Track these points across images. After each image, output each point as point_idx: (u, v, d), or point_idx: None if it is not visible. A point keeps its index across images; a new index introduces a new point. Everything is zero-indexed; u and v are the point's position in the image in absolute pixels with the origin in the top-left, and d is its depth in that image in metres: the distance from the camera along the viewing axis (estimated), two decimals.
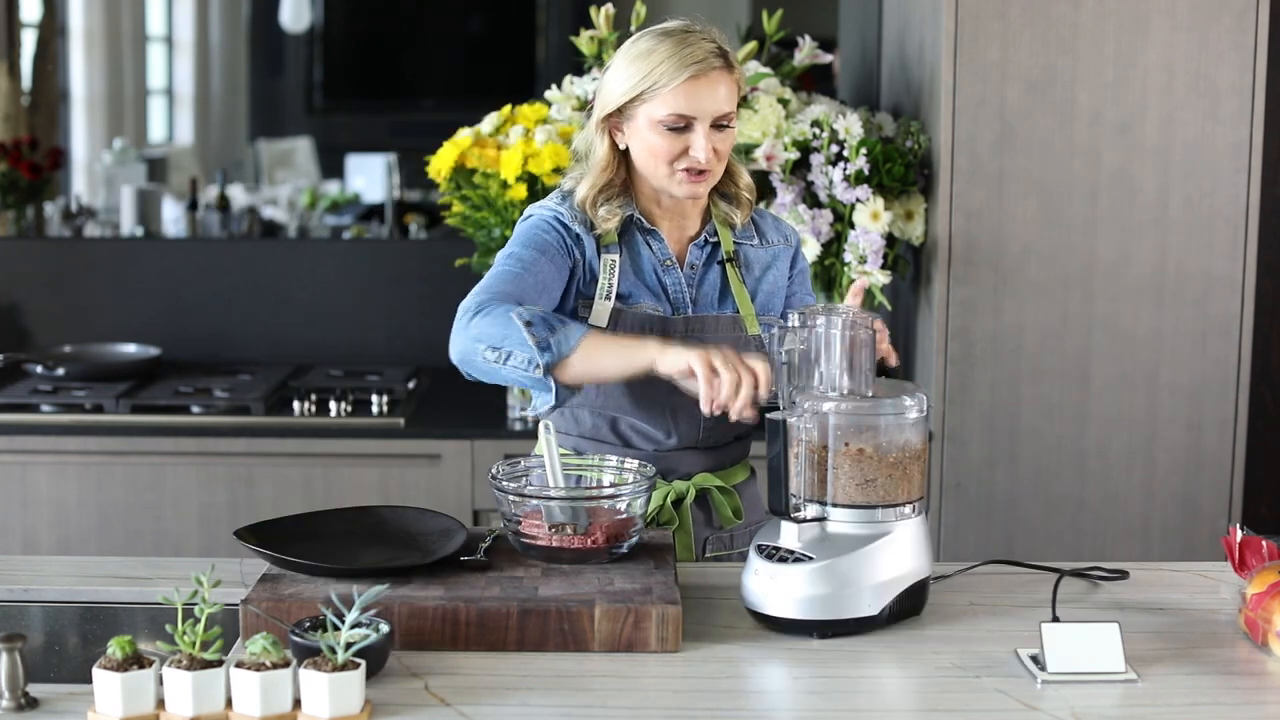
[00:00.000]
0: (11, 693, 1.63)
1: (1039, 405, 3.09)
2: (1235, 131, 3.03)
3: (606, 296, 2.18)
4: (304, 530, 2.07)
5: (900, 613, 1.92)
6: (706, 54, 2.12)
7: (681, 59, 2.11)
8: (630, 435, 2.23)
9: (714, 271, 2.25)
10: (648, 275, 2.21)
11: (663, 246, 2.22)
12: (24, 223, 4.60)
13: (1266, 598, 1.84)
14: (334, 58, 7.68)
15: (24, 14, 5.27)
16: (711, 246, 2.25)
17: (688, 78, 2.11)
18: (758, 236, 2.30)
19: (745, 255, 2.28)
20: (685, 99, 2.11)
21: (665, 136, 2.13)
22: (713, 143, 2.13)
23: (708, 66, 2.11)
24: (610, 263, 2.19)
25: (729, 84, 2.14)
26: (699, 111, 2.12)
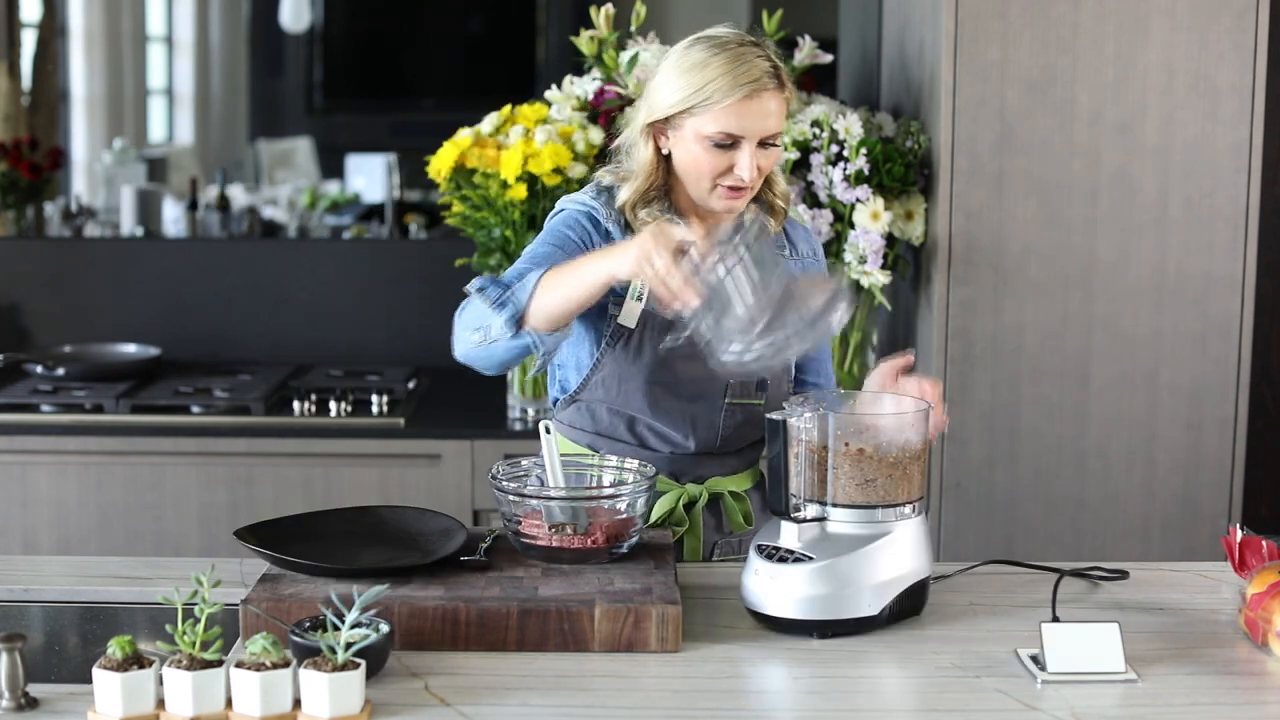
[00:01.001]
0: (11, 693, 1.63)
1: (1039, 405, 3.09)
2: (1235, 131, 3.03)
3: (637, 297, 2.15)
4: (304, 530, 2.07)
5: (900, 613, 1.92)
6: (761, 73, 2.07)
7: (736, 77, 2.07)
8: (647, 436, 2.22)
9: None
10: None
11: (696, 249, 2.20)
12: (24, 223, 4.60)
13: (1266, 598, 1.84)
14: (334, 58, 7.68)
15: (24, 14, 5.27)
16: None
17: (741, 97, 2.06)
18: (790, 246, 2.28)
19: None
20: (736, 118, 2.07)
21: (711, 152, 2.09)
22: (758, 160, 2.10)
23: (761, 87, 2.07)
24: None
25: (780, 103, 2.10)
26: (748, 131, 2.08)
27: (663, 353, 2.05)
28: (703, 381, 2.18)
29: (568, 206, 2.21)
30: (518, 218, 3.15)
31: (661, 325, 2.15)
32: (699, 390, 2.19)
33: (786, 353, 1.85)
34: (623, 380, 2.17)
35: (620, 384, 2.17)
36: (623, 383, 2.17)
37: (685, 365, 2.17)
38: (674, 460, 2.22)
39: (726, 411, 2.22)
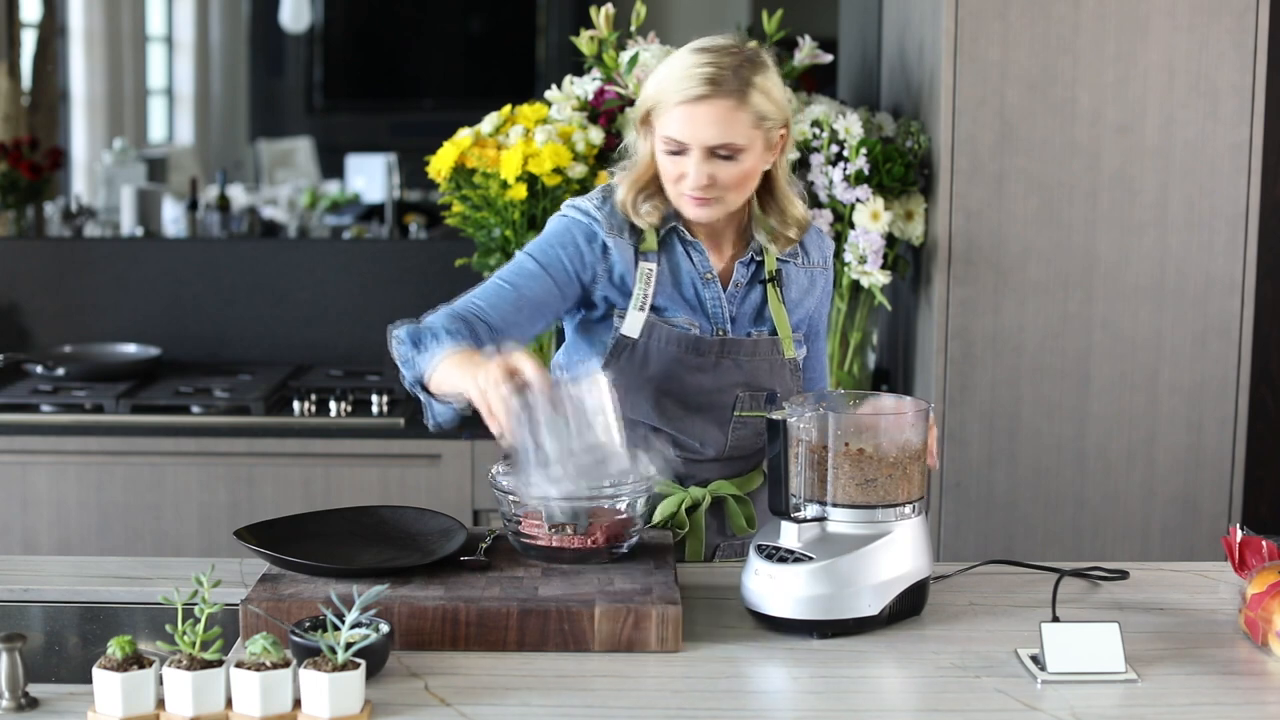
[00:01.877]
0: (11, 693, 1.63)
1: (1039, 405, 3.09)
2: (1235, 131, 3.03)
3: (641, 307, 2.14)
4: (304, 530, 2.07)
5: (900, 613, 1.92)
6: (709, 79, 2.03)
7: (683, 80, 2.04)
8: (655, 441, 2.19)
9: (756, 290, 2.20)
10: (685, 288, 2.17)
11: (704, 259, 2.17)
12: (24, 223, 4.60)
13: (1266, 598, 1.84)
14: (334, 58, 7.68)
15: (24, 14, 5.27)
16: (756, 265, 2.20)
17: (680, 101, 2.04)
18: (802, 254, 2.24)
19: (786, 274, 2.22)
20: (679, 124, 2.05)
21: (667, 157, 2.08)
22: (712, 171, 2.06)
23: (704, 94, 2.03)
24: (647, 272, 2.14)
25: (729, 114, 2.04)
26: (691, 139, 2.05)
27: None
28: (712, 393, 2.18)
29: (569, 214, 2.18)
30: (518, 218, 3.15)
31: (667, 335, 2.15)
32: (708, 401, 2.18)
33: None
34: (630, 390, 2.15)
35: (628, 394, 2.14)
36: (630, 393, 2.15)
37: (694, 376, 2.17)
38: (681, 463, 2.21)
39: (736, 424, 2.21)
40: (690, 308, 2.17)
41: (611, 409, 1.95)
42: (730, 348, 2.17)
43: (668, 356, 2.15)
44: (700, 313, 2.17)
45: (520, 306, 2.10)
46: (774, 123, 2.09)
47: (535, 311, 2.11)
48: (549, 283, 2.12)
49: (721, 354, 2.17)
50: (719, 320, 2.18)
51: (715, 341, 2.16)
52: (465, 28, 7.60)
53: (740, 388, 2.18)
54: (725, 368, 2.17)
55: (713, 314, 2.17)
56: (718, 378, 2.17)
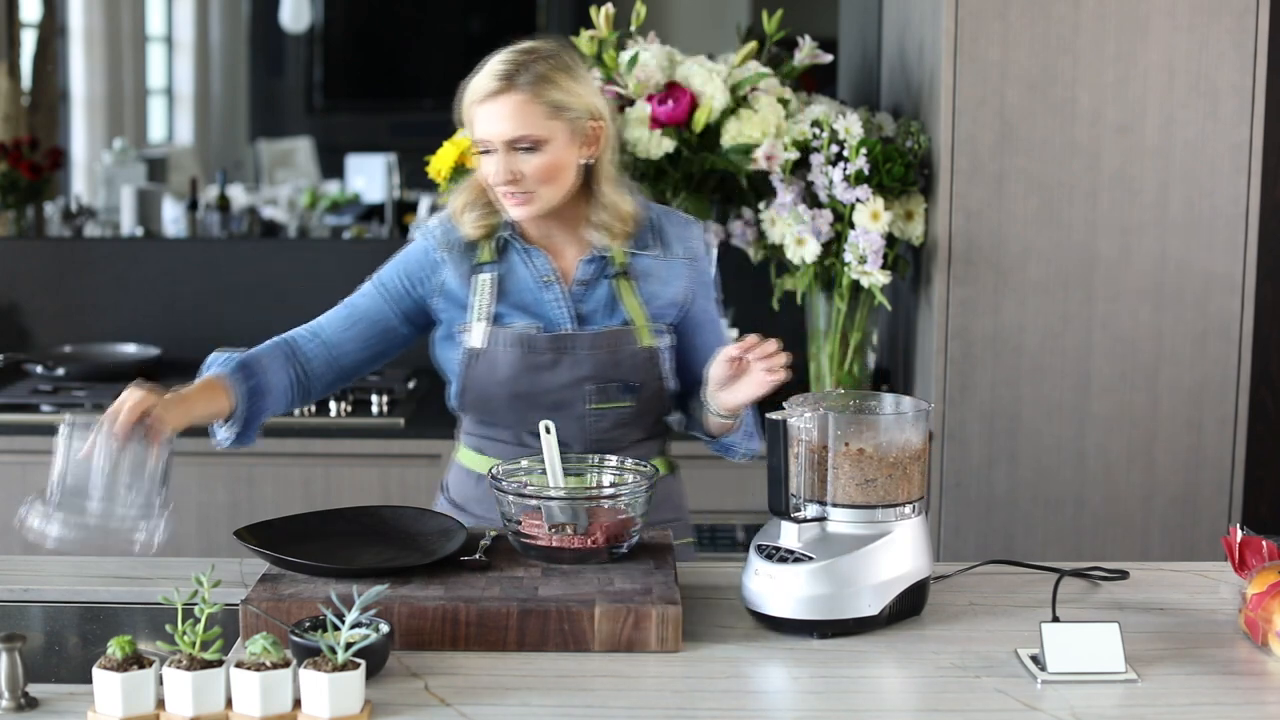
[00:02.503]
0: (11, 693, 1.63)
1: (1039, 405, 3.09)
2: (1235, 131, 3.03)
3: (481, 317, 2.20)
4: (304, 530, 2.07)
5: (900, 613, 1.92)
6: (498, 75, 2.12)
7: (478, 82, 2.14)
8: (528, 440, 2.24)
9: (606, 285, 2.23)
10: (523, 294, 2.21)
11: (544, 263, 2.21)
12: (24, 223, 4.60)
13: (1266, 598, 1.84)
14: (334, 58, 7.68)
15: (24, 14, 5.27)
16: (602, 261, 2.23)
17: (472, 102, 2.13)
18: (660, 247, 2.26)
19: (643, 266, 2.24)
20: (477, 124, 2.14)
21: (480, 159, 2.16)
22: (514, 164, 2.12)
23: (496, 89, 2.11)
24: (482, 283, 2.21)
25: (518, 107, 2.10)
26: (490, 136, 2.13)
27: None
28: (562, 389, 2.21)
29: (415, 233, 2.29)
30: None
31: (507, 338, 2.19)
32: (560, 398, 2.21)
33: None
34: (488, 398, 2.23)
35: (486, 401, 2.23)
36: (488, 400, 2.23)
37: (542, 376, 2.20)
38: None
39: (592, 417, 2.22)
40: (530, 312, 2.21)
41: (149, 480, 1.94)
42: (570, 343, 2.20)
43: (511, 359, 2.19)
44: (540, 316, 2.21)
45: (354, 322, 2.25)
46: (577, 114, 2.14)
47: (369, 328, 2.25)
48: (380, 299, 2.25)
49: (563, 350, 2.20)
50: (561, 321, 2.21)
51: (551, 338, 2.20)
52: (465, 28, 7.60)
53: (589, 381, 2.21)
54: (567, 364, 2.20)
55: (553, 315, 2.21)
56: (562, 374, 2.20)
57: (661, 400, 2.27)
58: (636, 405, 2.24)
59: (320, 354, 2.24)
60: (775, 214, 3.16)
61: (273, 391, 2.18)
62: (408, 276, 2.24)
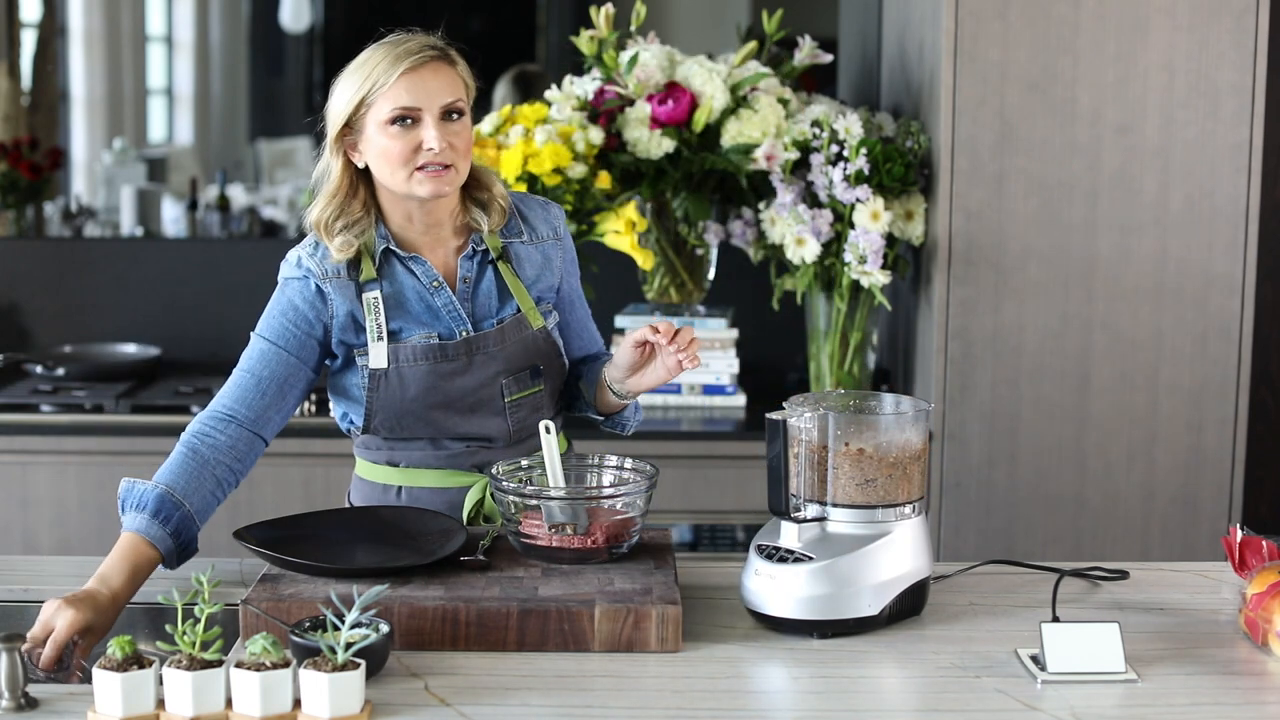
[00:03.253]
0: (11, 693, 1.63)
1: (1039, 405, 3.09)
2: (1235, 131, 3.03)
3: (379, 337, 2.16)
4: (304, 530, 2.07)
5: (900, 613, 1.92)
6: (421, 47, 2.12)
7: (396, 56, 2.10)
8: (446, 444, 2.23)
9: (488, 277, 2.22)
10: (414, 304, 2.18)
11: (427, 270, 2.18)
12: (24, 223, 4.60)
13: (1266, 598, 1.84)
14: (334, 58, 7.66)
15: (24, 14, 5.27)
16: (481, 254, 2.22)
17: (404, 70, 2.09)
18: (526, 231, 2.26)
19: (516, 252, 2.24)
20: (406, 92, 2.09)
21: (396, 136, 2.09)
22: (446, 135, 2.10)
23: (423, 58, 2.10)
24: (372, 301, 2.16)
25: (450, 75, 2.12)
26: (423, 102, 2.09)
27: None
28: (476, 390, 2.19)
29: (284, 272, 2.21)
30: None
31: (412, 353, 2.16)
32: (476, 400, 2.20)
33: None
34: (401, 415, 2.18)
35: (400, 419, 2.19)
36: (401, 417, 2.18)
37: (453, 382, 2.18)
38: (474, 454, 2.23)
39: (511, 408, 2.22)
40: (424, 322, 2.18)
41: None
42: (478, 343, 2.18)
43: (420, 373, 2.16)
44: (437, 323, 2.18)
45: (264, 391, 2.14)
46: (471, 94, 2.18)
47: (280, 389, 2.15)
48: (285, 356, 2.16)
49: (471, 351, 2.18)
50: (458, 323, 2.18)
51: (461, 342, 2.17)
52: (465, 28, 7.60)
53: (502, 375, 2.20)
54: (480, 363, 2.18)
55: (449, 321, 2.18)
56: (476, 375, 2.19)
57: (561, 376, 2.27)
58: (546, 386, 2.24)
59: (240, 436, 2.12)
60: (775, 214, 3.16)
61: (200, 512, 2.05)
62: (300, 321, 2.16)
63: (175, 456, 2.08)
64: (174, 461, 2.08)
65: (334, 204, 2.16)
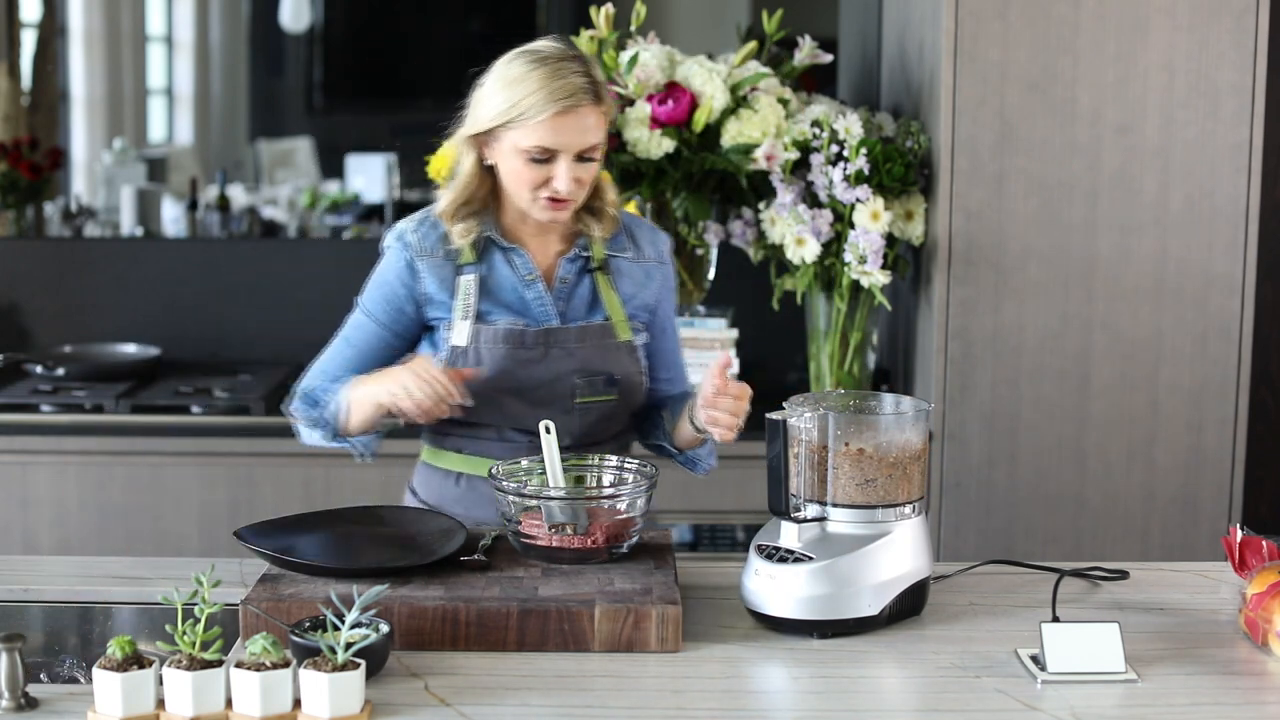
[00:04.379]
0: (11, 693, 1.63)
1: (1039, 405, 3.09)
2: (1235, 131, 3.03)
3: (465, 316, 2.20)
4: (304, 530, 2.07)
5: (900, 613, 1.92)
6: (575, 89, 2.11)
7: (550, 93, 2.10)
8: (510, 435, 2.25)
9: (585, 284, 2.25)
10: (507, 292, 2.22)
11: (526, 262, 2.23)
12: (24, 223, 4.60)
13: (1266, 598, 1.84)
14: (334, 58, 7.67)
15: (24, 14, 5.27)
16: (583, 260, 2.26)
17: (555, 113, 2.10)
18: (633, 249, 2.30)
19: (618, 266, 2.28)
20: (550, 133, 2.11)
21: (529, 166, 2.13)
22: (576, 173, 2.13)
23: (576, 102, 2.11)
24: (467, 283, 2.21)
25: (597, 117, 2.14)
26: (563, 145, 2.12)
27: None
28: (549, 383, 2.21)
29: (387, 244, 2.27)
30: None
31: (492, 334, 2.19)
32: (547, 393, 2.22)
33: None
34: (473, 395, 2.20)
35: (471, 397, 2.20)
36: (473, 397, 2.20)
37: (527, 370, 2.20)
38: (537, 449, 2.22)
39: (579, 410, 2.23)
40: (513, 311, 2.22)
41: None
42: (556, 336, 2.21)
43: (498, 355, 2.20)
44: (524, 314, 2.22)
45: (360, 362, 2.26)
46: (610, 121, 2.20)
47: (376, 361, 2.26)
48: (379, 330, 2.26)
49: (548, 343, 2.21)
50: (544, 318, 2.22)
51: (540, 332, 2.20)
52: (465, 27, 7.59)
53: (577, 374, 2.22)
54: (556, 356, 2.21)
55: (537, 313, 2.22)
56: (550, 367, 2.21)
57: (639, 394, 2.29)
58: (619, 398, 2.25)
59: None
60: (775, 214, 3.16)
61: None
62: (393, 298, 2.25)
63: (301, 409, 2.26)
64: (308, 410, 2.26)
65: (463, 197, 2.22)
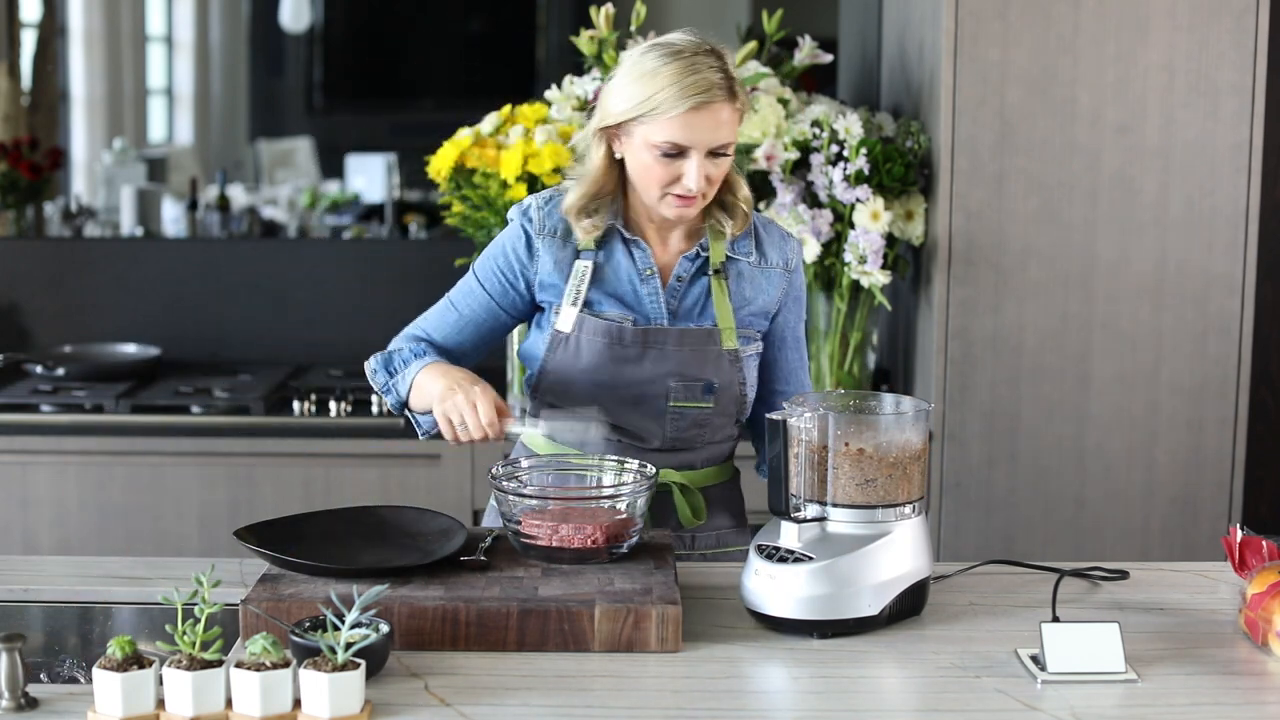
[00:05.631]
0: (11, 693, 1.63)
1: (1039, 405, 3.09)
2: (1235, 132, 3.03)
3: (573, 302, 2.18)
4: (304, 530, 2.07)
5: (900, 613, 1.92)
6: (711, 85, 2.07)
7: (684, 88, 2.06)
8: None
9: (701, 285, 2.21)
10: (622, 284, 2.19)
11: (645, 256, 2.19)
12: (24, 223, 4.60)
13: (1266, 598, 1.84)
14: (334, 58, 7.68)
15: (24, 14, 5.28)
16: (703, 260, 2.22)
17: (689, 108, 2.06)
18: (758, 254, 2.25)
19: (739, 269, 2.23)
20: (683, 129, 2.07)
21: (660, 161, 2.10)
22: (707, 170, 2.10)
23: (710, 98, 2.07)
24: (582, 269, 2.18)
25: (730, 113, 2.10)
26: (696, 142, 2.08)
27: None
28: (644, 383, 2.19)
29: (511, 218, 2.25)
30: None
31: (594, 327, 2.18)
32: (641, 392, 2.19)
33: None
34: (569, 384, 2.20)
35: (567, 387, 2.20)
36: (569, 385, 2.20)
37: (624, 368, 2.18)
38: (623, 450, 2.22)
39: (672, 414, 2.21)
40: (625, 303, 2.19)
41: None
42: (656, 337, 2.18)
43: (596, 348, 2.18)
44: (635, 308, 2.19)
45: (462, 327, 2.25)
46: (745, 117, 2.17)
47: (478, 329, 2.25)
48: (487, 299, 2.24)
49: (647, 344, 2.18)
50: (656, 316, 2.19)
51: (638, 332, 2.18)
52: (465, 28, 7.60)
53: (673, 377, 2.19)
54: (653, 358, 2.18)
55: (649, 308, 2.19)
56: (647, 368, 2.19)
57: (739, 405, 2.24)
58: (715, 406, 2.21)
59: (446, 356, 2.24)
60: (775, 214, 3.16)
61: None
62: (507, 270, 2.21)
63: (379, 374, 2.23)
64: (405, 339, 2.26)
65: (592, 190, 2.18)
